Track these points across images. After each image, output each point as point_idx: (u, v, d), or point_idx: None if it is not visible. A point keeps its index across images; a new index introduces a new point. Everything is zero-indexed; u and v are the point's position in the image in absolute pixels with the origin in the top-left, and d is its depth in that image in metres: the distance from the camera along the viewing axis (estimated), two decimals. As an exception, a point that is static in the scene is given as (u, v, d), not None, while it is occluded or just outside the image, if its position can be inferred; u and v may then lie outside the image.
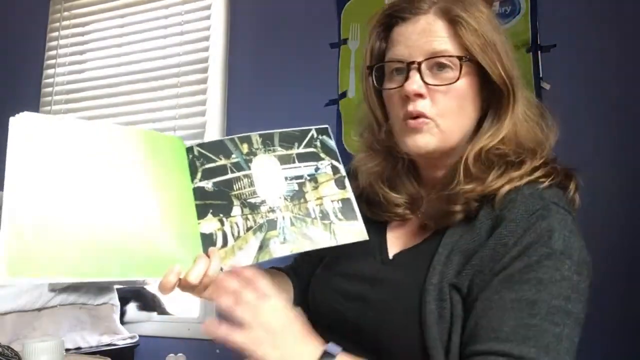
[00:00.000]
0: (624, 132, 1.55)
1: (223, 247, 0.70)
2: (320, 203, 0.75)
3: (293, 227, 0.72)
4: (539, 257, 0.64)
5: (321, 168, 0.78)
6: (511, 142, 0.73)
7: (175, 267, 0.65)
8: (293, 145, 0.78)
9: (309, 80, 1.97)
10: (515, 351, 0.59)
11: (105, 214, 0.62)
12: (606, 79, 1.59)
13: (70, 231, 0.58)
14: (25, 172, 0.58)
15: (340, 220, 0.74)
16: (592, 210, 1.51)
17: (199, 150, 0.74)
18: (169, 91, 2.25)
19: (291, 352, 0.60)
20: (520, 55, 1.68)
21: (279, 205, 0.73)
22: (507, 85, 0.73)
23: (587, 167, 1.54)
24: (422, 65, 0.72)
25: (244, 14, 2.17)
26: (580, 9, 1.65)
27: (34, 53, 2.54)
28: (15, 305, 1.61)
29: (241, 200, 0.73)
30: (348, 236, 0.74)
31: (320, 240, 0.72)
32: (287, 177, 0.76)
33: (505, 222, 0.67)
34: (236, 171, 0.74)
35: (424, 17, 0.74)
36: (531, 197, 0.69)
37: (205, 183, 0.73)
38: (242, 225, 0.71)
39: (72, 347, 1.72)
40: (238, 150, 0.75)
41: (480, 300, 0.65)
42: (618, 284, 1.42)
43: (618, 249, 1.47)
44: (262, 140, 0.77)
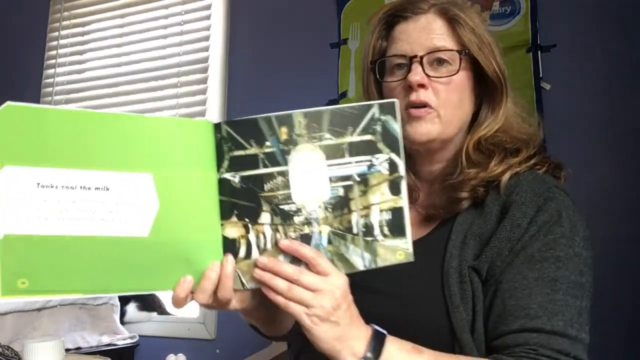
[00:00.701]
0: (624, 132, 1.55)
1: (246, 259, 0.59)
2: (366, 214, 0.62)
3: (330, 245, 0.61)
4: (555, 236, 0.68)
5: (376, 165, 0.62)
6: (506, 133, 0.79)
7: (186, 280, 0.57)
8: (346, 131, 0.61)
9: (309, 80, 1.97)
10: (547, 326, 0.63)
11: (107, 217, 0.54)
12: (606, 79, 1.59)
13: (66, 241, 0.52)
14: (14, 177, 0.51)
15: (385, 237, 0.62)
16: (592, 209, 1.52)
17: (228, 129, 0.59)
18: (169, 91, 2.25)
19: (347, 331, 0.60)
20: (520, 55, 1.68)
21: (317, 216, 0.61)
22: (500, 80, 0.79)
23: (588, 166, 1.55)
24: (423, 59, 0.76)
25: (244, 14, 2.18)
26: (580, 9, 1.65)
27: (34, 53, 2.54)
28: (15, 305, 1.61)
29: (272, 205, 0.60)
30: (390, 257, 0.62)
31: (358, 264, 0.61)
32: (332, 178, 0.61)
33: (516, 205, 0.72)
34: (269, 165, 0.60)
35: (424, 16, 0.79)
36: (534, 181, 0.74)
37: (232, 175, 0.59)
38: (269, 237, 0.60)
39: (72, 347, 1.72)
40: (274, 137, 0.60)
41: (504, 282, 0.68)
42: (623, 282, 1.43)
43: (618, 247, 1.47)
44: (307, 122, 0.61)
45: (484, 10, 1.76)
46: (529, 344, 0.64)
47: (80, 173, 0.53)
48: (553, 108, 1.63)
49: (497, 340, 0.67)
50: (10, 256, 0.51)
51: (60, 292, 0.54)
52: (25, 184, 0.51)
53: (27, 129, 0.51)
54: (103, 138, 0.53)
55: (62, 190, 0.53)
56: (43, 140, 0.52)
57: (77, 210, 0.53)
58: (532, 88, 1.64)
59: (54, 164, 0.52)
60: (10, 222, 0.51)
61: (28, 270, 0.52)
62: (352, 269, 0.62)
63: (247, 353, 1.54)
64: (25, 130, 0.51)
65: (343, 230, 0.61)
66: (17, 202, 0.51)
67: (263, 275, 0.58)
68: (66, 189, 0.53)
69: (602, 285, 0.82)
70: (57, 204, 0.52)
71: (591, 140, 1.58)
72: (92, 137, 0.53)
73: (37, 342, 0.65)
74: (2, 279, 0.51)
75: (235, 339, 1.84)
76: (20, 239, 0.51)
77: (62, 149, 0.52)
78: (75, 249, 0.53)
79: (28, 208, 0.51)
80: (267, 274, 0.58)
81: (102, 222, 0.54)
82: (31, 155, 0.51)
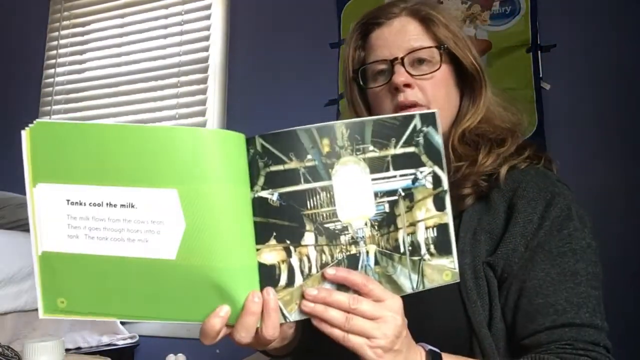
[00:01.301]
0: (624, 131, 1.55)
1: (287, 287, 0.53)
2: (412, 231, 0.58)
3: (377, 266, 0.56)
4: (569, 230, 0.70)
5: (420, 179, 0.58)
6: (489, 123, 0.80)
7: (223, 310, 0.51)
8: (389, 143, 0.57)
9: (309, 80, 1.97)
10: (577, 320, 0.65)
11: (134, 237, 0.50)
12: (606, 79, 1.59)
13: (96, 261, 0.51)
14: (47, 194, 0.50)
15: (432, 257, 0.58)
16: (592, 209, 1.52)
17: (263, 143, 0.53)
18: (169, 91, 2.25)
19: (407, 357, 0.57)
20: (520, 55, 1.68)
21: (363, 234, 0.56)
22: (478, 71, 0.80)
23: (588, 166, 1.56)
24: (404, 60, 0.78)
25: (244, 14, 2.18)
26: (580, 9, 1.65)
27: (34, 53, 2.54)
28: (15, 305, 1.61)
29: (316, 225, 0.54)
30: (437, 278, 0.58)
31: (406, 286, 0.57)
32: (378, 193, 0.56)
33: (525, 200, 0.72)
34: (312, 180, 0.54)
35: (397, 19, 0.81)
36: (538, 176, 0.75)
37: (268, 193, 0.53)
38: (315, 260, 0.54)
39: (72, 347, 1.72)
40: (316, 149, 0.54)
41: (528, 280, 0.69)
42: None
43: (618, 247, 1.47)
44: (350, 134, 0.55)
45: (484, 10, 1.76)
46: (563, 339, 0.65)
47: (106, 190, 0.51)
48: (553, 108, 1.63)
49: (529, 338, 0.67)
50: (48, 274, 0.51)
51: (94, 315, 0.53)
52: (56, 201, 0.51)
53: (56, 146, 0.51)
54: (126, 152, 0.50)
55: (90, 208, 0.51)
56: (70, 156, 0.51)
57: (105, 230, 0.51)
58: (532, 88, 1.65)
59: (81, 181, 0.51)
60: (47, 239, 0.51)
61: (65, 289, 0.52)
62: (400, 292, 0.57)
63: (247, 353, 1.54)
64: (54, 147, 0.51)
65: (390, 250, 0.57)
66: (51, 220, 0.51)
67: (314, 308, 0.53)
68: (94, 206, 0.51)
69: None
70: (86, 221, 0.51)
71: (591, 140, 1.58)
72: (116, 151, 0.50)
73: (37, 342, 0.65)
74: (43, 297, 0.51)
75: (235, 339, 1.84)
76: (57, 257, 0.51)
77: (89, 164, 0.51)
78: (105, 270, 0.51)
79: (61, 226, 0.51)
80: (319, 306, 0.53)
81: (129, 243, 0.51)
82: (60, 172, 0.51)
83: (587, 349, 0.64)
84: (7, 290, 1.59)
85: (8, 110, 2.55)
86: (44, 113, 2.48)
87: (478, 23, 1.76)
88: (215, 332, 0.52)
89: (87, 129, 0.51)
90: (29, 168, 0.51)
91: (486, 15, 1.75)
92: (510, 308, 0.70)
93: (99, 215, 0.51)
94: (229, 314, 0.51)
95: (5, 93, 2.58)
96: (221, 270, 0.51)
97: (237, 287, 0.51)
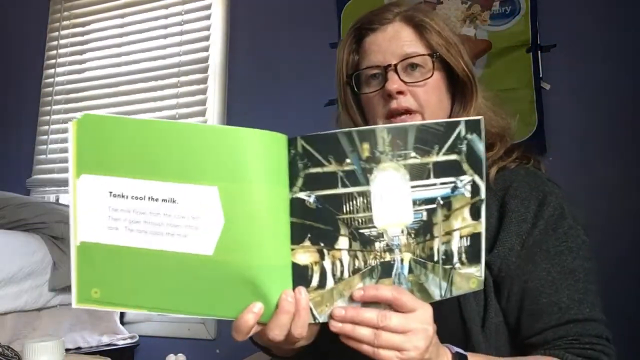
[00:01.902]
0: (623, 131, 1.55)
1: (319, 288, 0.54)
2: (447, 240, 0.57)
3: (410, 274, 0.56)
4: (564, 228, 0.72)
5: (459, 187, 0.58)
6: None
7: (256, 306, 0.52)
8: (432, 150, 0.56)
9: (309, 80, 1.97)
10: (580, 315, 0.68)
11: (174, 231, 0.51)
12: (606, 79, 1.59)
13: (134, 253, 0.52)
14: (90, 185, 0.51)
15: (462, 265, 0.58)
16: (592, 209, 1.52)
17: (304, 145, 0.53)
18: (169, 91, 2.25)
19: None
20: (520, 55, 1.68)
21: (399, 242, 0.55)
22: (469, 78, 0.81)
23: (588, 166, 1.56)
24: (397, 67, 0.79)
25: (244, 14, 2.18)
26: (580, 9, 1.65)
27: (34, 53, 2.54)
28: (15, 305, 1.61)
29: (351, 229, 0.54)
30: (465, 286, 0.58)
31: (435, 294, 0.57)
32: (416, 201, 0.56)
33: (517, 200, 0.74)
34: (349, 185, 0.54)
35: (391, 25, 0.81)
36: (528, 176, 0.77)
37: (306, 195, 0.53)
38: (347, 265, 0.54)
39: (72, 347, 1.72)
40: (355, 153, 0.54)
41: (530, 281, 0.71)
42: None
43: (618, 247, 1.47)
44: (391, 139, 0.55)
45: (484, 10, 1.76)
46: (569, 335, 0.68)
47: (148, 184, 0.51)
48: (553, 108, 1.63)
49: (535, 337, 0.70)
50: (86, 264, 0.52)
51: (127, 307, 0.54)
52: (99, 193, 0.52)
53: (101, 138, 0.51)
54: (171, 148, 0.51)
55: (131, 201, 0.52)
56: (115, 149, 0.52)
57: (145, 223, 0.52)
58: (532, 88, 1.65)
59: (124, 174, 0.52)
60: (86, 230, 0.52)
61: (100, 280, 0.52)
62: (429, 299, 0.57)
63: (247, 353, 1.54)
64: (100, 140, 0.52)
65: (425, 258, 0.56)
66: (92, 211, 0.52)
67: (343, 327, 0.53)
68: (135, 199, 0.52)
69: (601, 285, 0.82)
70: (127, 214, 0.52)
71: (591, 140, 1.58)
72: (160, 146, 0.52)
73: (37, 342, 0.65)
74: (78, 287, 0.52)
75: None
76: (95, 248, 0.52)
77: (132, 158, 0.52)
78: (143, 263, 0.52)
79: (101, 217, 0.52)
80: (347, 325, 0.53)
81: (168, 237, 0.52)
82: (104, 164, 0.52)
83: (592, 342, 0.67)
84: (7, 290, 1.59)
85: (8, 110, 2.56)
86: (44, 113, 2.48)
87: (478, 23, 1.76)
88: (248, 327, 0.52)
89: (132, 123, 0.52)
90: (74, 159, 0.51)
91: (486, 15, 1.75)
92: (514, 308, 0.71)
93: (140, 209, 0.52)
94: (262, 311, 0.52)
95: (5, 93, 2.58)
96: (256, 267, 0.52)
97: (270, 285, 0.52)
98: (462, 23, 1.78)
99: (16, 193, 2.03)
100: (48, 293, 1.72)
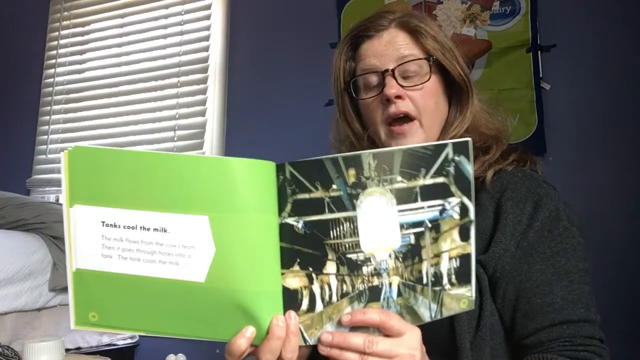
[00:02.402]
0: (623, 131, 1.55)
1: (309, 312, 0.54)
2: (436, 262, 0.57)
3: (400, 298, 0.56)
4: (559, 230, 0.73)
5: (448, 209, 0.58)
6: (475, 131, 0.82)
7: (249, 330, 0.53)
8: (419, 173, 0.57)
9: (309, 80, 1.97)
10: (573, 316, 0.68)
11: (166, 259, 0.52)
12: (606, 79, 1.59)
13: (129, 280, 0.53)
14: (83, 215, 0.53)
15: (452, 286, 0.58)
16: (591, 209, 1.52)
17: (292, 171, 0.54)
18: (169, 91, 2.25)
19: None
20: (520, 55, 1.68)
21: (387, 266, 0.56)
22: (465, 82, 0.82)
23: (587, 166, 1.56)
24: (395, 72, 0.79)
25: (244, 14, 2.18)
26: (580, 9, 1.65)
27: (34, 53, 2.54)
28: (15, 305, 1.61)
29: (338, 254, 0.55)
30: (455, 307, 0.58)
31: (425, 316, 0.57)
32: (403, 225, 0.56)
33: (513, 202, 0.75)
34: (336, 210, 0.55)
35: (387, 31, 0.82)
36: (524, 178, 0.77)
37: (294, 220, 0.54)
38: (335, 289, 0.55)
39: (72, 347, 1.72)
40: (341, 179, 0.55)
41: (525, 282, 0.71)
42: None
43: (617, 247, 1.47)
44: (377, 163, 0.55)
45: (484, 10, 1.76)
46: (562, 337, 0.68)
47: (139, 214, 0.52)
48: (553, 108, 1.63)
49: (529, 338, 0.70)
50: (82, 290, 0.53)
51: (124, 329, 0.55)
52: (92, 222, 0.53)
53: (92, 169, 0.52)
54: (161, 179, 0.52)
55: (124, 230, 0.53)
56: (106, 180, 0.53)
57: (138, 251, 0.53)
58: (532, 88, 1.65)
59: (116, 204, 0.53)
60: (81, 257, 0.53)
61: (97, 305, 0.54)
62: (419, 322, 0.57)
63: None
64: (91, 170, 0.52)
65: (413, 281, 0.57)
66: (86, 240, 0.53)
67: (331, 352, 0.54)
68: (127, 228, 0.53)
69: (601, 285, 0.82)
70: (119, 242, 0.53)
71: (591, 140, 1.58)
72: (150, 177, 0.52)
73: (37, 342, 0.65)
74: (75, 311, 0.54)
75: (235, 339, 1.84)
76: (90, 274, 0.53)
77: (123, 189, 0.53)
78: (136, 289, 0.53)
79: (95, 246, 0.53)
80: (335, 349, 0.54)
81: (160, 265, 0.53)
82: (96, 195, 0.53)
83: (585, 344, 0.68)
84: (7, 290, 1.59)
85: (8, 110, 2.56)
86: (44, 113, 2.48)
87: (478, 23, 1.76)
88: (241, 351, 0.53)
89: (122, 155, 0.53)
90: (67, 190, 0.53)
91: (486, 15, 1.75)
92: (509, 308, 0.72)
93: (132, 238, 0.53)
94: (254, 335, 0.53)
95: (5, 93, 2.58)
96: (248, 293, 0.53)
97: (262, 309, 0.53)
98: (462, 23, 1.78)
99: (16, 193, 2.03)
100: (48, 293, 1.72)
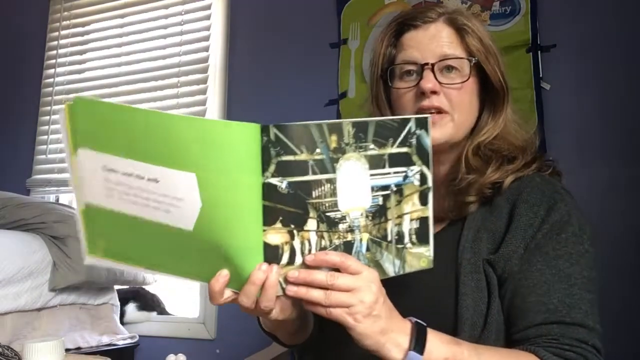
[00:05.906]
0: (623, 132, 1.55)
1: (288, 265, 0.59)
2: (399, 222, 0.65)
3: (368, 252, 0.63)
4: (567, 234, 0.73)
5: (410, 176, 0.65)
6: (504, 140, 0.81)
7: (222, 274, 0.58)
8: (387, 142, 0.63)
9: (309, 80, 1.97)
10: (567, 318, 0.68)
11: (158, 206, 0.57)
12: (606, 79, 1.59)
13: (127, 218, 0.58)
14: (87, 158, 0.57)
15: (413, 245, 0.66)
16: (591, 209, 1.52)
17: (277, 133, 0.57)
18: (169, 91, 2.25)
19: (389, 324, 0.61)
20: (520, 55, 1.68)
21: (359, 224, 0.62)
22: (504, 88, 0.82)
23: (587, 166, 1.56)
24: (434, 66, 0.79)
25: (244, 14, 2.18)
26: (580, 9, 1.65)
27: (34, 53, 2.54)
28: (15, 305, 1.61)
29: (319, 212, 0.60)
30: (415, 264, 0.66)
31: (389, 270, 0.65)
32: (374, 187, 0.63)
33: (528, 205, 0.75)
34: (318, 172, 0.60)
35: (434, 25, 0.81)
36: (542, 183, 0.78)
37: (278, 181, 0.58)
38: (314, 244, 0.60)
39: (72, 347, 1.72)
40: (324, 144, 0.60)
41: (524, 280, 0.72)
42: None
43: (617, 247, 1.47)
44: (355, 132, 0.61)
45: (484, 10, 1.76)
46: (550, 335, 0.68)
47: (135, 163, 0.56)
48: (553, 108, 1.63)
49: (518, 334, 0.70)
50: (91, 221, 0.59)
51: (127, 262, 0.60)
52: (94, 165, 0.57)
53: (92, 121, 0.56)
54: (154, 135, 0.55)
55: (122, 176, 0.57)
56: (103, 130, 0.56)
57: (135, 196, 0.57)
58: (532, 88, 1.65)
59: (114, 152, 0.56)
60: (90, 194, 0.58)
61: (104, 233, 0.59)
62: (384, 275, 0.64)
63: (247, 353, 1.54)
64: (90, 121, 0.56)
65: (380, 238, 0.64)
66: (91, 180, 0.57)
67: (298, 291, 0.59)
68: (125, 175, 0.56)
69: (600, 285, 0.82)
70: (119, 186, 0.57)
71: (591, 140, 1.58)
72: (144, 132, 0.55)
73: (37, 342, 0.66)
74: (87, 240, 0.59)
75: (235, 339, 1.84)
76: (96, 209, 0.58)
77: (120, 140, 0.56)
78: (136, 227, 0.58)
79: (99, 186, 0.57)
80: (301, 288, 0.59)
81: (154, 209, 0.57)
82: (96, 142, 0.56)
83: (573, 345, 0.67)
84: (7, 290, 1.59)
85: (8, 110, 2.56)
86: (44, 113, 2.48)
87: (478, 23, 1.76)
88: (216, 292, 0.59)
89: (120, 109, 0.56)
90: (69, 138, 0.56)
91: (486, 15, 1.75)
92: (507, 306, 0.73)
93: (130, 184, 0.57)
94: (227, 278, 0.59)
95: (5, 93, 2.58)
96: (231, 247, 0.58)
97: (243, 262, 0.58)
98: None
99: (16, 193, 2.03)
100: (48, 293, 1.72)
